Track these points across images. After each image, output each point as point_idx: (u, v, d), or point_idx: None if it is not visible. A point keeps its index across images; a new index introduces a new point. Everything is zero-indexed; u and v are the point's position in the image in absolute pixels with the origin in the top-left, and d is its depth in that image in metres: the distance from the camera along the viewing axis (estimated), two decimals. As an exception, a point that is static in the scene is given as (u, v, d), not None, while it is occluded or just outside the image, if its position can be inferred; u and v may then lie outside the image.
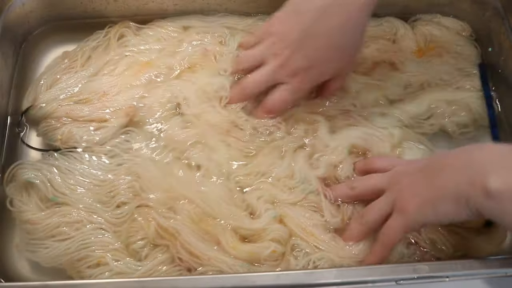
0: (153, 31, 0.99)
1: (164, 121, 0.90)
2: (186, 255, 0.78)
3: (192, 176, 0.85)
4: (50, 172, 0.83)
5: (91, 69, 0.94)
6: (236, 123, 0.89)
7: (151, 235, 0.79)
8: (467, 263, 0.72)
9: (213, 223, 0.80)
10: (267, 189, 0.84)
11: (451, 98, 0.93)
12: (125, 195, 0.83)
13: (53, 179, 0.83)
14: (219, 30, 0.99)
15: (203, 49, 0.96)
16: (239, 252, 0.78)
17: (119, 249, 0.79)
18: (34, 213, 0.81)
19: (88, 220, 0.80)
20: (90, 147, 0.87)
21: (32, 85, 0.94)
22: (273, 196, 0.83)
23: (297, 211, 0.82)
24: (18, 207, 0.82)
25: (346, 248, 0.79)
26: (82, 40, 0.99)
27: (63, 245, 0.79)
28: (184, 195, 0.82)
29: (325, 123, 0.90)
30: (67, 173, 0.84)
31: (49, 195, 0.82)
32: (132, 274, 0.77)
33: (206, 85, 0.92)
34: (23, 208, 0.82)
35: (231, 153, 0.87)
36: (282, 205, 0.83)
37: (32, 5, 0.98)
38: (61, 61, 0.96)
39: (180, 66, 0.94)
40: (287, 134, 0.89)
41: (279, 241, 0.79)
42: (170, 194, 0.82)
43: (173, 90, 0.92)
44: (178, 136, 0.88)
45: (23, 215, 0.81)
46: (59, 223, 0.80)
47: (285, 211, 0.82)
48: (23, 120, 0.91)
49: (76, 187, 0.83)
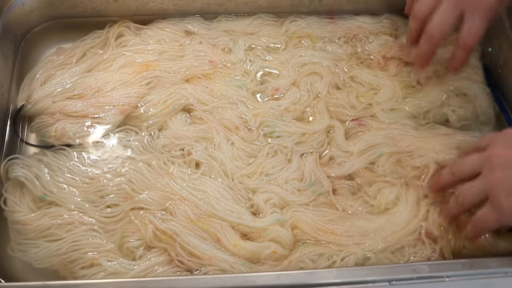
0: (154, 32, 0.99)
1: (165, 120, 0.90)
2: (186, 257, 0.77)
3: (188, 175, 0.85)
4: (39, 170, 0.83)
5: (85, 65, 0.94)
6: (248, 123, 0.90)
7: (149, 237, 0.79)
8: (467, 263, 0.72)
9: (211, 220, 0.80)
10: (276, 191, 0.84)
11: (459, 87, 0.95)
12: (117, 194, 0.82)
13: (42, 177, 0.82)
14: (220, 37, 0.99)
15: (208, 62, 0.96)
16: (240, 250, 0.78)
17: (111, 250, 0.79)
18: (25, 214, 0.81)
19: (79, 221, 0.80)
20: (83, 144, 0.87)
21: (26, 81, 0.94)
22: (283, 200, 0.84)
23: (310, 213, 0.82)
24: (10, 207, 0.82)
25: (368, 227, 0.80)
26: (82, 39, 0.99)
27: (54, 245, 0.79)
28: (180, 194, 0.82)
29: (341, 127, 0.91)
30: (56, 170, 0.83)
31: (38, 193, 0.81)
32: (126, 274, 0.77)
33: (223, 90, 0.93)
34: (15, 209, 0.81)
35: (234, 152, 0.87)
36: (293, 210, 0.82)
37: (32, 5, 0.98)
38: (56, 57, 0.96)
39: (187, 73, 0.94)
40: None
41: (280, 243, 0.79)
42: (165, 194, 0.82)
43: (183, 93, 0.92)
44: (180, 133, 0.88)
45: (14, 216, 0.81)
46: (50, 225, 0.80)
47: (298, 216, 0.81)
48: (19, 117, 0.91)
49: (63, 185, 0.82)
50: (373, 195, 0.85)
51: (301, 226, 0.81)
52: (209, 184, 0.83)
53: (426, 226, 0.81)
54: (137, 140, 0.88)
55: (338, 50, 1.00)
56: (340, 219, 0.82)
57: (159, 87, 0.92)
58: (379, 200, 0.84)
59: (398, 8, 1.03)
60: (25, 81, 0.94)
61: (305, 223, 0.81)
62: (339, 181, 0.86)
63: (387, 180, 0.86)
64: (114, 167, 0.85)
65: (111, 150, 0.87)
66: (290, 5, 1.04)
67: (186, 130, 0.89)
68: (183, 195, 0.82)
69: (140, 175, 0.83)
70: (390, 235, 0.80)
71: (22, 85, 0.94)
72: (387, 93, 0.95)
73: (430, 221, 0.82)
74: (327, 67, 0.97)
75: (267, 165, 0.86)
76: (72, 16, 1.01)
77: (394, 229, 0.80)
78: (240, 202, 0.83)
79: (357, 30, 1.02)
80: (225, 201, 0.82)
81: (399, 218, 0.82)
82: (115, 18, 1.01)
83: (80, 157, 0.86)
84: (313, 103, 0.93)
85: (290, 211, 0.82)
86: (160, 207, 0.81)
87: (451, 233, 0.81)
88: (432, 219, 0.82)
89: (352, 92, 0.95)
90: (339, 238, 0.80)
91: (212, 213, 0.81)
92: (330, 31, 1.02)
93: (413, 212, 0.82)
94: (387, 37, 1.02)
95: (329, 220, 0.81)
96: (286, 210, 0.82)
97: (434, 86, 0.95)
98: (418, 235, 0.81)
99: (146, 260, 0.78)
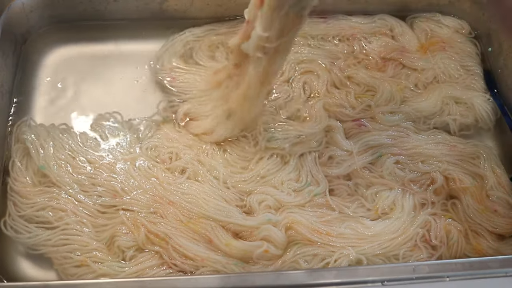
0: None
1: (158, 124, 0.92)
2: (179, 259, 0.78)
3: (175, 179, 0.85)
4: (45, 141, 0.86)
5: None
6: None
7: (141, 240, 0.79)
8: (467, 263, 0.72)
9: (202, 222, 0.80)
10: (271, 193, 0.84)
11: (459, 96, 0.95)
12: (107, 188, 0.83)
13: (46, 148, 0.85)
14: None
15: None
16: (232, 249, 0.78)
17: (98, 248, 0.79)
18: (26, 186, 0.83)
19: (72, 211, 0.81)
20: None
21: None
22: (278, 201, 0.83)
23: (306, 213, 0.82)
24: (15, 172, 0.84)
25: (364, 230, 0.80)
26: (82, 40, 1.00)
27: (45, 235, 0.80)
28: (168, 198, 0.82)
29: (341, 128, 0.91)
30: (59, 146, 0.86)
31: (39, 163, 0.84)
32: (116, 275, 0.77)
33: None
34: (19, 178, 0.83)
35: (227, 157, 0.87)
36: (287, 211, 0.82)
37: (32, 5, 0.98)
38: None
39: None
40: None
41: (272, 243, 0.79)
42: (154, 197, 0.82)
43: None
44: (173, 137, 0.89)
45: (16, 184, 0.83)
46: (45, 206, 0.81)
47: (293, 217, 0.81)
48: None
49: (61, 162, 0.84)
50: (370, 198, 0.85)
51: (295, 227, 0.81)
52: (195, 187, 0.84)
53: (423, 233, 0.82)
54: (129, 140, 0.89)
55: (334, 48, 1.00)
56: (336, 220, 0.82)
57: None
58: (375, 204, 0.84)
59: (397, 10, 1.03)
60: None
61: (300, 224, 0.81)
62: (338, 181, 0.86)
63: (385, 182, 0.86)
64: (111, 160, 0.86)
65: (115, 140, 0.89)
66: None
67: (176, 135, 0.90)
68: (171, 199, 0.82)
69: (130, 176, 0.84)
70: (387, 242, 0.80)
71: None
72: (385, 95, 0.95)
73: (431, 230, 0.82)
74: (323, 65, 0.97)
75: (263, 167, 0.86)
76: (72, 16, 1.01)
77: (391, 236, 0.81)
78: (231, 202, 0.83)
79: (350, 30, 1.02)
80: (214, 201, 0.82)
81: (395, 226, 0.82)
82: (115, 19, 1.01)
83: (82, 139, 0.88)
84: (312, 103, 0.93)
85: (285, 212, 0.82)
86: (149, 209, 0.82)
87: (454, 241, 0.82)
88: (434, 229, 0.82)
89: (351, 92, 0.95)
90: (334, 240, 0.80)
91: (202, 214, 0.81)
92: (322, 29, 1.02)
93: (410, 219, 0.83)
94: (387, 39, 1.02)
95: (325, 221, 0.81)
96: (281, 211, 0.82)
97: (434, 91, 0.95)
98: (415, 241, 0.81)
99: (137, 264, 0.78)
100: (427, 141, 0.90)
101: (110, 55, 1.01)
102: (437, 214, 0.84)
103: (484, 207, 0.84)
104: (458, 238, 0.82)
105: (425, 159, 0.88)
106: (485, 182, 0.87)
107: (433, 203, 0.85)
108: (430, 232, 0.82)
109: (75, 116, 0.94)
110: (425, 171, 0.87)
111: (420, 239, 0.81)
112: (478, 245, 0.82)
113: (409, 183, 0.86)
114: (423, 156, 0.89)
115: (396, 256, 0.80)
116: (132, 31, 1.03)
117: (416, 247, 0.81)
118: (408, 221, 0.82)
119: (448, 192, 0.87)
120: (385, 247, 0.79)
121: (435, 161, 0.88)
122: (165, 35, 1.02)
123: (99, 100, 0.96)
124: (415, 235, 0.81)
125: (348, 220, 0.82)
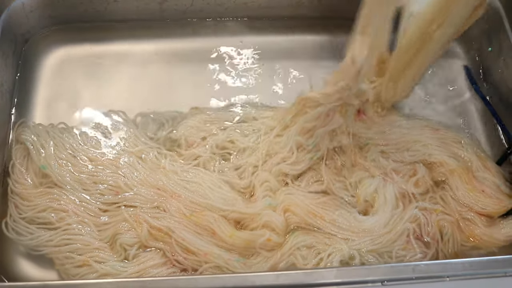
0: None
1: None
2: (182, 254, 0.78)
3: (182, 166, 0.86)
4: (45, 141, 0.86)
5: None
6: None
7: (144, 237, 0.79)
8: (467, 263, 0.72)
9: (204, 214, 0.81)
10: (272, 170, 0.85)
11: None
12: (109, 185, 0.83)
13: (47, 148, 0.85)
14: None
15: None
16: (236, 239, 0.79)
17: (100, 248, 0.80)
18: (26, 188, 0.83)
19: (73, 211, 0.81)
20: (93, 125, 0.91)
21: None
22: (279, 170, 0.85)
23: (301, 195, 0.83)
24: (16, 174, 0.84)
25: (356, 224, 0.81)
26: (82, 40, 1.00)
27: (46, 236, 0.80)
28: (171, 190, 0.83)
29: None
30: (59, 145, 0.86)
31: (39, 163, 0.84)
32: (118, 275, 0.77)
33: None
34: (19, 180, 0.84)
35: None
36: (285, 193, 0.84)
37: (32, 5, 0.98)
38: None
39: None
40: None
41: (274, 230, 0.80)
42: (158, 191, 0.83)
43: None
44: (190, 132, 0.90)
45: (17, 186, 0.83)
46: (46, 207, 0.82)
47: (290, 199, 0.83)
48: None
49: (62, 162, 0.84)
50: (354, 185, 0.86)
51: (292, 208, 0.82)
52: (202, 175, 0.85)
53: (414, 229, 0.82)
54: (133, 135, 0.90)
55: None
56: (330, 204, 0.83)
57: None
58: (358, 192, 0.85)
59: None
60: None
61: (296, 205, 0.82)
62: (331, 153, 0.88)
63: (367, 166, 0.87)
64: (115, 155, 0.87)
65: (116, 137, 0.90)
66: (289, 5, 1.04)
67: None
68: (175, 191, 0.83)
69: (134, 169, 0.85)
70: (379, 238, 0.81)
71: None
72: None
73: (422, 227, 0.82)
74: None
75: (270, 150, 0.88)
76: (72, 16, 1.02)
77: (382, 231, 0.81)
78: (234, 189, 0.85)
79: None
80: (219, 190, 0.83)
81: (384, 219, 0.82)
82: (115, 19, 1.01)
83: (83, 137, 0.89)
84: None
85: (283, 194, 0.84)
86: (153, 204, 0.82)
87: (449, 236, 0.82)
88: (425, 225, 0.83)
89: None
90: (327, 225, 0.81)
91: (205, 204, 0.82)
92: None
93: (398, 213, 0.83)
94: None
95: (319, 203, 0.83)
96: (279, 194, 0.84)
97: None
98: (406, 237, 0.81)
99: (139, 263, 0.78)
100: (414, 125, 0.92)
101: (110, 55, 1.01)
102: (427, 209, 0.84)
103: (472, 187, 0.86)
104: (453, 232, 0.82)
105: (411, 146, 0.89)
106: (469, 165, 0.88)
107: (413, 194, 0.85)
108: (420, 228, 0.82)
109: (75, 116, 0.94)
110: (409, 161, 0.88)
111: (412, 236, 0.81)
112: (471, 233, 0.83)
113: (391, 172, 0.87)
114: (409, 143, 0.90)
115: (389, 253, 0.80)
116: (132, 31, 1.03)
117: (409, 244, 0.81)
118: (396, 214, 0.83)
119: (434, 179, 0.88)
120: (377, 243, 0.80)
121: (420, 146, 0.89)
122: (165, 35, 1.03)
123: (99, 100, 0.96)
124: (405, 230, 0.82)
125: (340, 207, 0.83)
